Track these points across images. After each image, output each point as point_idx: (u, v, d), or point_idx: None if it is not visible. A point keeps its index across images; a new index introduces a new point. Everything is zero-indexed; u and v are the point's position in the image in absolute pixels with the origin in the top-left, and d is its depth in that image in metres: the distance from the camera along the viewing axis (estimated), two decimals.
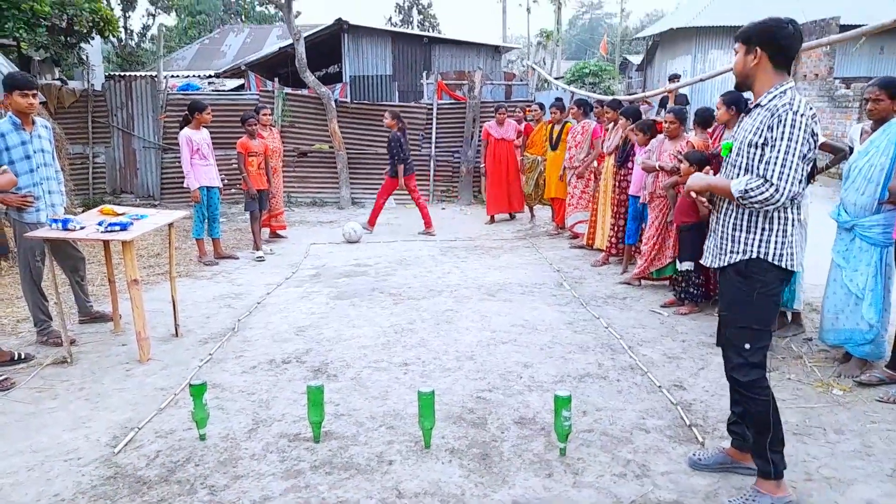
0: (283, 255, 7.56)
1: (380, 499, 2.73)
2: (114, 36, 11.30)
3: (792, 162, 2.35)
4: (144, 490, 2.79)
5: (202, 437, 3.19)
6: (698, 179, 2.73)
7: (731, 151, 2.62)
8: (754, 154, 2.47)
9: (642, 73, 28.05)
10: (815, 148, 2.44)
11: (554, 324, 5.00)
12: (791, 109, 2.38)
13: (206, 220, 6.98)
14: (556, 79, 19.33)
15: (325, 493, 2.76)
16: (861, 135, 4.00)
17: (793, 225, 2.51)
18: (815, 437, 3.19)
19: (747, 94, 2.90)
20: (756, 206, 2.44)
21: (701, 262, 2.82)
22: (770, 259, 2.50)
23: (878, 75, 4.17)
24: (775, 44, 2.46)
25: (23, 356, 4.22)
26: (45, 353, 4.36)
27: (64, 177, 4.88)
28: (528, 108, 9.62)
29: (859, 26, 4.57)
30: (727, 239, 2.59)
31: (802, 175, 2.39)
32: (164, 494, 2.75)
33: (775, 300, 2.58)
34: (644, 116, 6.78)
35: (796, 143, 2.35)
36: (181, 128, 6.87)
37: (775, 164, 2.37)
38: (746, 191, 2.42)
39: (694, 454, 2.96)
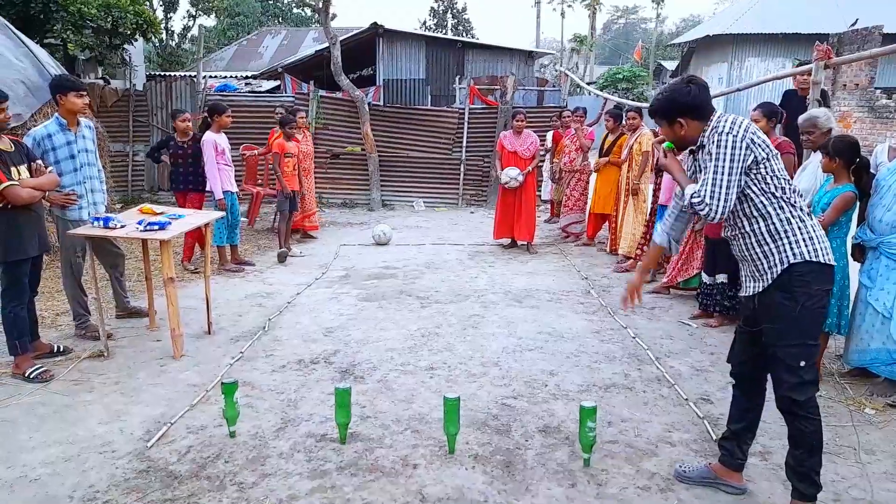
0: (313, 255, 7.67)
1: (403, 502, 2.76)
2: (156, 37, 11.58)
3: (722, 181, 2.47)
4: (175, 485, 2.87)
5: (232, 435, 3.27)
6: (673, 163, 2.79)
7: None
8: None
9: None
10: (765, 155, 2.51)
11: (581, 332, 4.99)
12: (717, 132, 2.51)
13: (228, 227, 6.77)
14: (589, 84, 19.22)
15: (350, 495, 2.81)
16: (889, 151, 3.93)
17: (806, 217, 2.56)
18: (846, 456, 3.14)
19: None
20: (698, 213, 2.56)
21: (741, 293, 2.76)
22: (808, 257, 2.50)
23: None
24: (690, 106, 2.60)
25: (61, 349, 4.37)
26: (83, 347, 4.49)
27: (105, 174, 5.04)
28: (578, 116, 8.39)
29: None
30: (759, 259, 2.59)
31: (734, 192, 2.50)
32: (194, 489, 2.83)
33: (822, 310, 2.57)
34: None
35: (726, 161, 2.47)
36: (201, 130, 6.70)
37: (707, 184, 2.51)
38: (691, 203, 2.57)
39: (680, 465, 2.98)
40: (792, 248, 2.51)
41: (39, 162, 4.14)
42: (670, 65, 31.72)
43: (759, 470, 3.03)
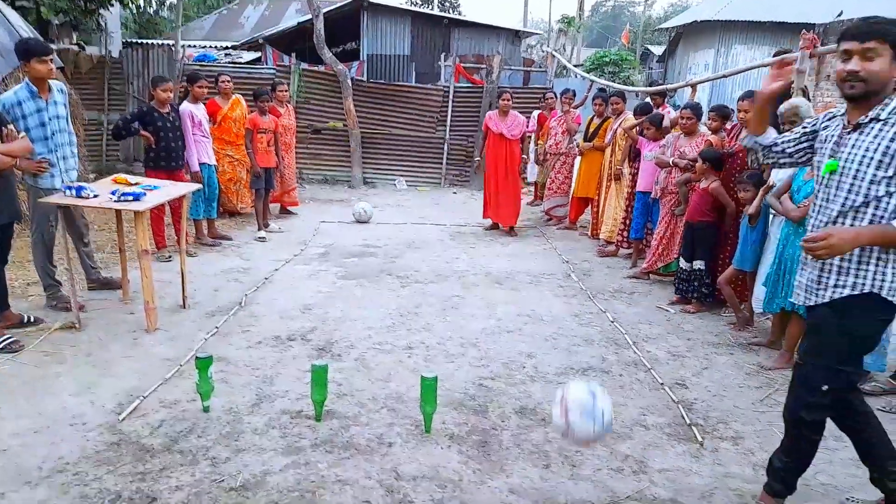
0: (292, 231, 7.58)
1: (378, 479, 2.76)
2: (133, 3, 11.26)
3: None
4: (147, 458, 2.83)
5: (206, 409, 3.23)
6: (848, 236, 2.14)
7: (833, 172, 2.27)
8: (877, 176, 2.15)
9: (663, 64, 27.74)
10: None
11: (560, 315, 5.00)
12: None
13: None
14: (576, 66, 19.15)
15: (325, 472, 2.79)
16: None
17: None
18: None
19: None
20: None
21: (793, 299, 2.48)
22: (884, 294, 2.19)
23: None
24: None
25: (32, 319, 4.27)
26: (54, 318, 4.40)
27: (79, 142, 4.89)
28: (566, 98, 8.36)
29: None
30: (832, 272, 2.26)
31: None
32: (167, 463, 2.79)
33: (872, 343, 2.33)
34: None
35: None
36: (181, 100, 6.41)
37: None
38: None
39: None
40: (875, 278, 2.19)
41: (11, 127, 4.01)
42: (657, 50, 31.69)
43: (730, 455, 3.07)
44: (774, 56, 5.97)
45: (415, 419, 3.26)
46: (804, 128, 2.52)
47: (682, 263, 5.24)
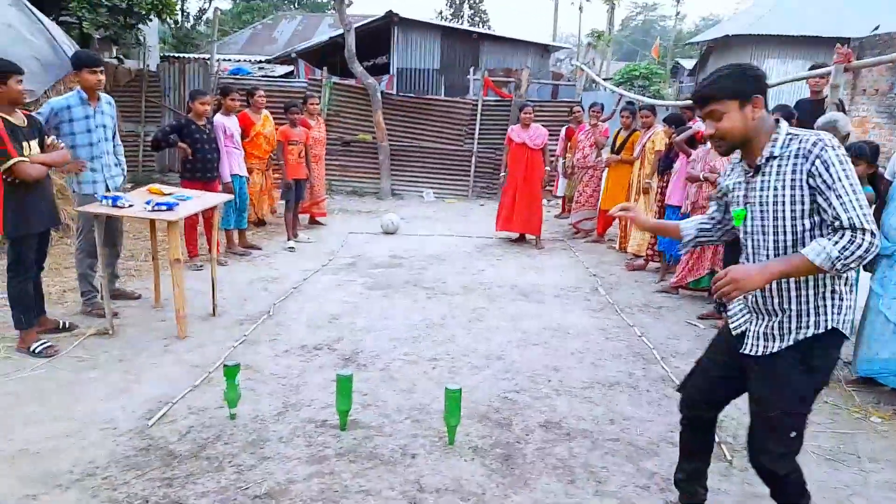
0: (320, 242, 7.66)
1: (401, 491, 2.75)
2: (171, 18, 11.56)
3: (862, 199, 2.00)
4: (175, 464, 2.87)
5: (232, 417, 3.27)
6: (754, 274, 2.05)
7: (744, 220, 2.24)
8: (795, 208, 2.08)
9: (694, 78, 27.48)
10: None
11: (586, 329, 4.96)
12: (827, 144, 2.02)
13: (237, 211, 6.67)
14: (605, 80, 19.08)
15: (348, 481, 2.80)
16: None
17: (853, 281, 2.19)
18: (849, 464, 3.11)
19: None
20: (853, 266, 1.98)
21: (745, 351, 2.26)
22: (841, 327, 2.13)
23: None
24: (763, 86, 2.14)
25: (67, 325, 4.38)
26: (88, 324, 4.51)
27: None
28: (594, 111, 8.49)
29: None
30: (792, 315, 2.15)
31: None
32: (193, 469, 2.83)
33: (827, 381, 2.26)
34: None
35: (854, 178, 2.01)
36: (214, 112, 6.57)
37: (853, 207, 1.97)
38: (841, 254, 1.96)
39: None
40: (833, 313, 2.12)
41: (53, 138, 4.15)
42: (688, 63, 31.45)
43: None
44: (810, 69, 5.91)
45: (438, 431, 3.26)
46: (717, 193, 2.44)
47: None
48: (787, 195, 2.08)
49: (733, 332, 2.35)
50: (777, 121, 2.16)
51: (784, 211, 2.10)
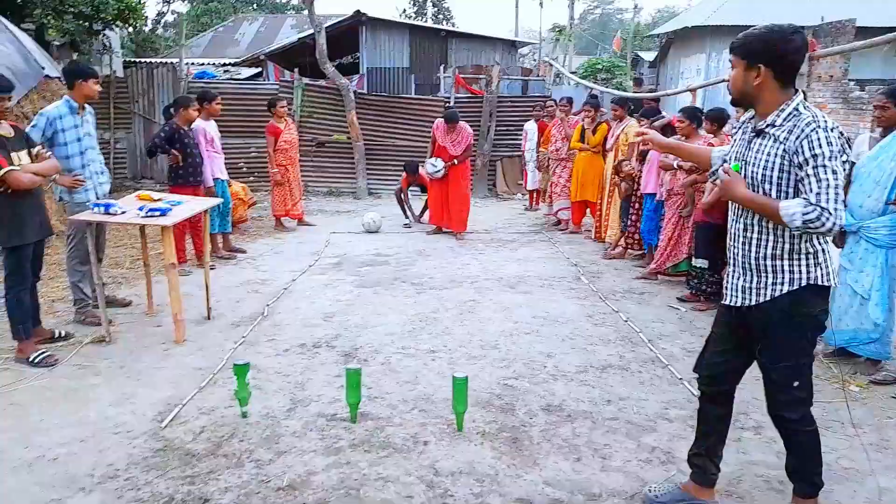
0: (304, 243, 7.70)
1: (418, 476, 2.86)
2: (138, 23, 11.41)
3: (838, 184, 2.13)
4: (194, 462, 2.93)
5: (244, 415, 3.33)
6: (740, 188, 2.31)
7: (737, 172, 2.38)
8: (781, 179, 2.24)
9: (655, 69, 28.01)
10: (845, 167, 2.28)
11: (574, 316, 5.12)
12: (820, 126, 2.15)
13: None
14: (571, 73, 19.35)
15: (366, 470, 2.90)
16: (869, 142, 4.17)
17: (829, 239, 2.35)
18: (834, 430, 3.32)
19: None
20: (811, 233, 2.20)
21: (725, 301, 2.47)
22: (821, 282, 2.27)
23: (893, 77, 4.35)
24: (781, 60, 2.20)
25: (63, 335, 4.37)
26: (84, 333, 4.50)
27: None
28: (562, 106, 8.60)
29: (875, 29, 4.68)
30: (766, 271, 2.31)
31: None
32: (213, 467, 2.90)
33: (821, 330, 2.39)
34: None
35: (837, 161, 2.14)
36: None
37: (827, 189, 2.12)
38: (804, 224, 2.14)
39: (650, 490, 2.72)
40: (808, 270, 2.27)
41: (39, 147, 4.14)
42: (648, 55, 31.99)
43: (753, 443, 3.18)
44: None
45: (446, 419, 3.37)
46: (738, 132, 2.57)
47: (694, 261, 5.40)
48: (777, 164, 2.25)
49: (725, 300, 2.51)
50: (795, 93, 2.26)
51: (771, 178, 2.27)
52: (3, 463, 2.90)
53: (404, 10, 38.36)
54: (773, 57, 2.20)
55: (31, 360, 3.93)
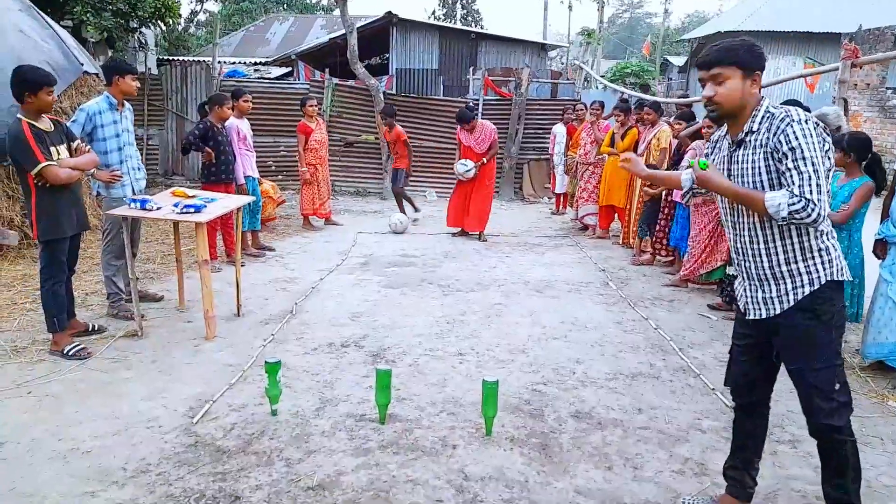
0: (331, 241, 7.73)
1: (447, 480, 2.84)
2: (174, 21, 11.58)
3: (819, 176, 2.15)
4: (224, 459, 2.95)
5: (274, 413, 3.35)
6: (717, 177, 2.35)
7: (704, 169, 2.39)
8: (772, 181, 2.25)
9: (685, 74, 27.70)
10: (830, 157, 2.26)
11: (603, 322, 5.07)
12: (794, 120, 2.17)
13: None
14: (601, 77, 19.25)
15: (395, 472, 2.89)
16: None
17: (834, 234, 2.35)
18: (874, 446, 3.23)
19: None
20: (795, 224, 2.22)
21: (747, 316, 2.44)
22: (838, 277, 2.28)
23: None
24: (764, 66, 2.29)
25: (96, 328, 4.44)
26: (117, 326, 4.56)
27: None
28: (594, 109, 8.64)
29: None
30: (782, 279, 2.31)
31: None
32: (244, 464, 2.91)
33: (844, 327, 2.38)
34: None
35: (816, 152, 2.15)
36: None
37: (808, 180, 2.14)
38: (789, 215, 2.16)
39: (685, 502, 2.70)
40: (824, 268, 2.27)
41: (79, 142, 4.21)
42: (677, 60, 31.66)
43: (790, 457, 3.11)
44: (812, 67, 6.04)
45: (474, 422, 3.35)
46: (713, 151, 2.57)
47: (730, 269, 5.31)
48: (762, 167, 2.27)
49: (742, 311, 2.50)
50: (762, 98, 2.30)
51: (761, 183, 2.28)
52: (39, 453, 2.95)
53: (433, 12, 38.46)
54: (762, 63, 2.28)
55: (65, 352, 3.99)
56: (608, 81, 17.66)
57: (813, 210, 2.14)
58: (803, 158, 2.15)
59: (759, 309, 2.38)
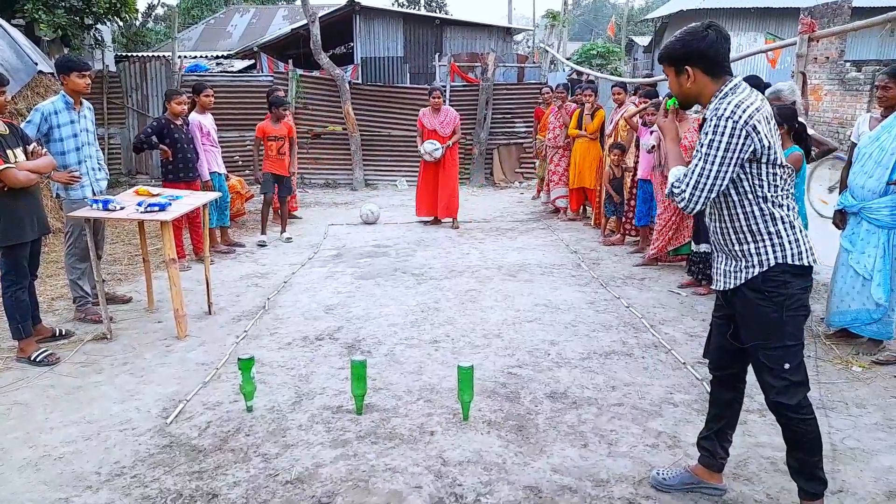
0: (301, 235, 7.67)
1: (426, 466, 2.86)
2: (130, 17, 11.29)
3: (703, 172, 2.25)
4: (200, 458, 2.93)
5: (249, 409, 3.33)
6: (671, 131, 2.57)
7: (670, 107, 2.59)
8: None
9: (650, 55, 27.91)
10: (768, 144, 2.24)
11: (576, 303, 5.12)
12: (717, 114, 2.24)
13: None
14: (567, 59, 19.27)
15: (374, 461, 2.90)
16: (870, 122, 4.16)
17: (795, 220, 2.35)
18: (838, 410, 3.33)
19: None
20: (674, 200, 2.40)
21: (713, 285, 2.56)
22: (790, 261, 2.30)
23: (889, 58, 4.34)
24: (704, 56, 2.31)
25: (63, 332, 4.36)
26: (84, 330, 4.49)
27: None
28: (558, 93, 8.59)
29: (871, 9, 4.67)
30: (737, 255, 2.38)
31: (723, 184, 2.26)
32: (220, 462, 2.89)
33: (804, 310, 2.35)
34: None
35: (720, 150, 2.22)
36: (188, 112, 6.42)
37: (692, 168, 2.29)
38: (671, 190, 2.38)
39: (658, 472, 2.75)
40: (774, 251, 2.31)
41: (34, 144, 4.10)
42: (642, 40, 31.87)
43: (759, 426, 3.19)
44: (771, 42, 6.14)
45: (451, 408, 3.37)
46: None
47: (694, 246, 5.39)
48: None
49: (714, 285, 2.57)
50: (728, 80, 2.34)
51: None
52: (9, 463, 2.90)
53: None
54: (696, 56, 2.33)
55: (32, 358, 3.92)
56: (574, 64, 17.70)
57: (682, 199, 2.33)
58: (700, 150, 2.28)
59: (720, 280, 2.48)
